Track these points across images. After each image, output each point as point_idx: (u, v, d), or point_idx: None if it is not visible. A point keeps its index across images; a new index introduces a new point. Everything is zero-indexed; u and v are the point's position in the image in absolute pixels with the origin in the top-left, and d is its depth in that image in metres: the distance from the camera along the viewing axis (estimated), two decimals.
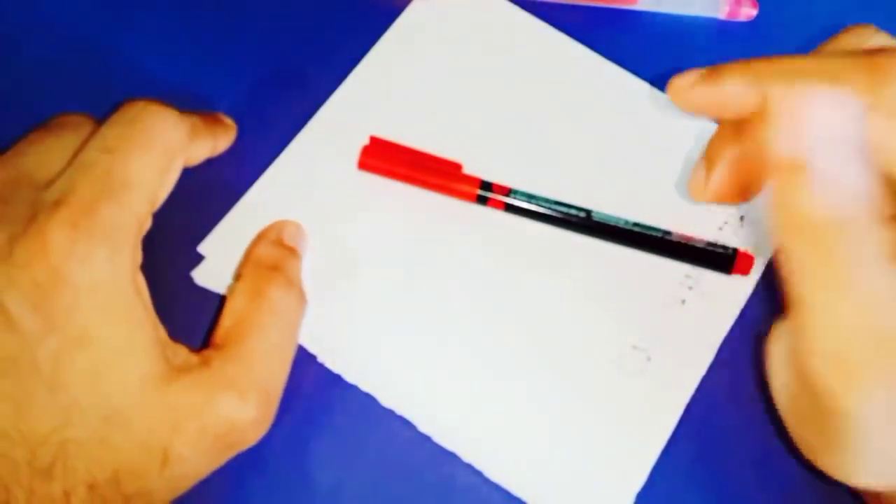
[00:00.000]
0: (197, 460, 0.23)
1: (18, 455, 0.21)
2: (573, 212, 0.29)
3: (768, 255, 0.30)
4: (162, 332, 0.23)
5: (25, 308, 0.21)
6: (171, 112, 0.25)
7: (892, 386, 0.19)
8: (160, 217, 0.25)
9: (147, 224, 0.24)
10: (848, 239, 0.19)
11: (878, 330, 0.19)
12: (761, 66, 0.22)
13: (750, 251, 0.29)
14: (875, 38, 0.23)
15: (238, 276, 0.26)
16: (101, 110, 0.26)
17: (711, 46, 0.33)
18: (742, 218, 0.30)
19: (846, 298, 0.19)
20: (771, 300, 0.29)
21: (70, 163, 0.23)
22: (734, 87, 0.22)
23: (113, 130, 0.24)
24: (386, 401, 0.27)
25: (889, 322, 0.19)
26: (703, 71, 0.23)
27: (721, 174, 0.25)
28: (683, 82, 0.23)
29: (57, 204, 0.22)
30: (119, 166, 0.23)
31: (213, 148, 0.28)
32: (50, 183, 0.23)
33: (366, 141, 0.30)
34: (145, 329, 0.22)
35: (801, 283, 0.20)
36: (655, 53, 0.33)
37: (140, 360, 0.22)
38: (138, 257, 0.23)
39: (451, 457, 0.27)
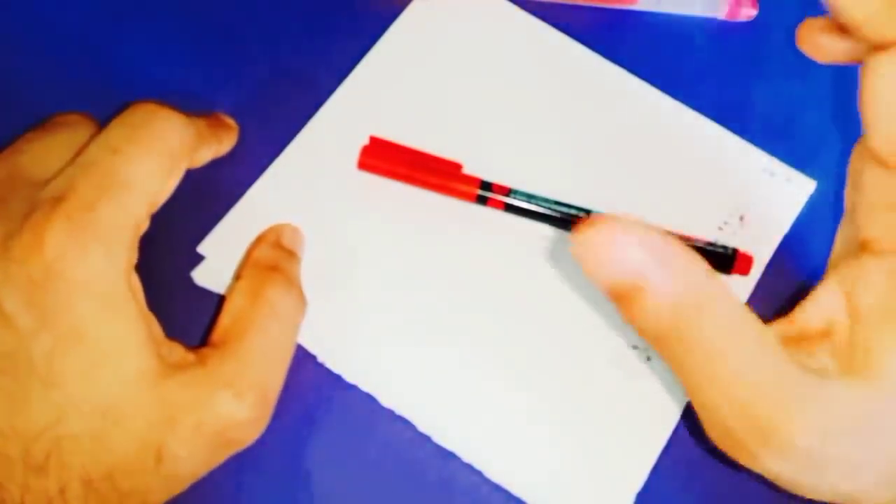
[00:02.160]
0: (192, 459, 0.23)
1: (12, 451, 0.21)
2: (573, 212, 0.29)
3: (768, 256, 0.30)
4: (157, 330, 0.23)
5: (20, 304, 0.21)
6: (178, 117, 0.25)
7: (795, 457, 0.20)
8: (160, 217, 0.25)
9: (145, 226, 0.24)
10: (702, 335, 0.20)
11: (754, 418, 0.20)
12: None
13: (750, 251, 0.29)
14: None
15: (237, 277, 0.26)
16: (101, 110, 0.26)
17: (711, 46, 0.33)
18: (742, 218, 0.30)
19: (712, 386, 0.20)
20: (771, 300, 0.29)
21: (72, 161, 0.23)
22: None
23: (119, 131, 0.24)
24: (386, 401, 0.27)
25: (763, 410, 0.20)
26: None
27: None
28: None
29: (56, 201, 0.22)
30: (121, 167, 0.23)
31: (218, 151, 0.28)
32: (48, 181, 0.23)
33: (366, 141, 0.30)
34: (139, 327, 0.22)
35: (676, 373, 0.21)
36: (655, 53, 0.33)
37: (134, 357, 0.22)
38: (134, 257, 0.23)
39: (451, 457, 0.27)
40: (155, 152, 0.24)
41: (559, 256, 0.29)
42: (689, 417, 0.28)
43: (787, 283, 0.30)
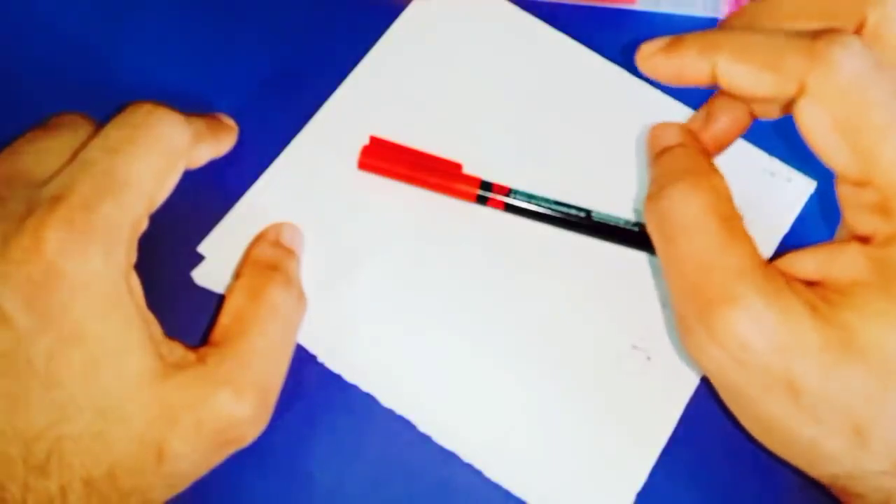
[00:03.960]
0: (193, 457, 0.23)
1: (13, 451, 0.21)
2: (573, 212, 0.29)
3: (768, 256, 0.30)
4: (156, 330, 0.23)
5: (19, 305, 0.21)
6: (176, 116, 0.25)
7: (729, 346, 0.21)
8: (160, 217, 0.25)
9: (143, 225, 0.24)
10: None
11: (703, 291, 0.22)
12: (714, 39, 0.23)
13: None
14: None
15: (237, 276, 0.27)
16: (101, 111, 0.26)
17: None
18: (742, 218, 0.30)
19: (678, 262, 0.23)
20: None
21: (70, 161, 0.23)
22: (689, 58, 0.23)
23: (117, 132, 0.24)
24: (386, 401, 0.27)
25: (714, 285, 0.22)
26: (666, 40, 0.24)
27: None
28: (648, 50, 0.24)
29: (55, 201, 0.22)
30: (120, 167, 0.23)
31: (216, 151, 0.28)
32: (47, 181, 0.23)
33: (366, 141, 0.30)
34: (138, 326, 0.22)
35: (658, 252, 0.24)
36: None
37: (134, 357, 0.22)
38: (133, 257, 0.23)
39: (451, 457, 0.27)
40: (153, 152, 0.24)
41: (559, 256, 0.29)
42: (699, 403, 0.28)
43: None
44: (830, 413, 0.21)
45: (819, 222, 0.30)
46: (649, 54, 0.24)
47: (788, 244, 0.30)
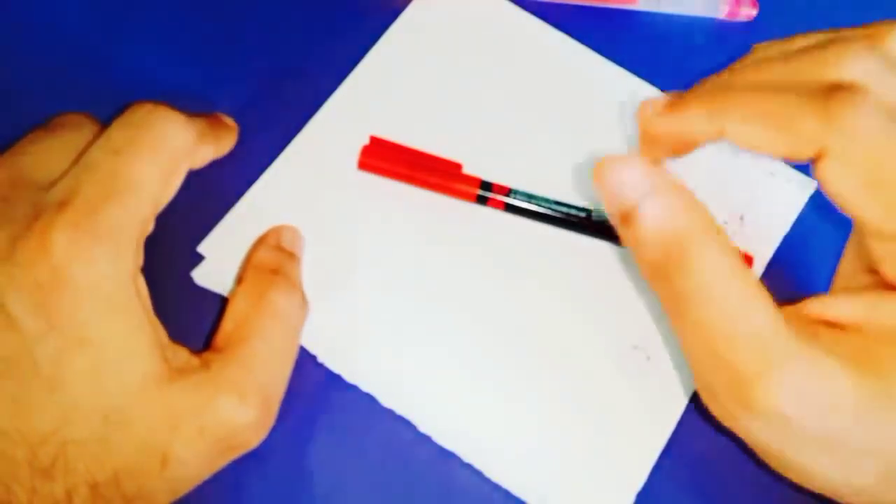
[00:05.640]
0: (196, 462, 0.23)
1: (19, 455, 0.21)
2: (573, 212, 0.29)
3: (768, 256, 0.30)
4: (162, 334, 0.23)
5: (26, 308, 0.21)
6: (178, 116, 0.25)
7: (769, 419, 0.20)
8: (160, 217, 0.25)
9: (149, 227, 0.24)
10: (690, 269, 0.20)
11: (733, 371, 0.20)
12: (721, 100, 0.22)
13: (750, 251, 0.29)
14: (845, 65, 0.21)
15: (239, 281, 0.26)
16: (102, 111, 0.26)
17: (711, 46, 0.33)
18: (742, 218, 0.30)
19: (695, 333, 0.20)
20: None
21: (75, 163, 0.23)
22: (695, 119, 0.22)
23: (120, 132, 0.24)
24: (386, 401, 0.27)
25: (742, 363, 0.20)
26: (666, 100, 0.23)
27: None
28: (649, 110, 0.23)
29: (61, 204, 0.22)
30: (125, 168, 0.23)
31: (217, 151, 0.28)
32: (51, 183, 0.23)
33: (366, 141, 0.30)
34: (145, 330, 0.22)
35: (669, 319, 0.22)
36: (655, 53, 0.33)
37: (140, 361, 0.22)
38: (140, 259, 0.23)
39: (451, 457, 0.27)
40: (157, 153, 0.24)
41: (559, 256, 0.29)
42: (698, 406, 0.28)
43: (787, 283, 0.30)
44: (865, 458, 0.20)
45: (819, 222, 0.30)
46: (654, 115, 0.23)
47: (788, 244, 0.30)
